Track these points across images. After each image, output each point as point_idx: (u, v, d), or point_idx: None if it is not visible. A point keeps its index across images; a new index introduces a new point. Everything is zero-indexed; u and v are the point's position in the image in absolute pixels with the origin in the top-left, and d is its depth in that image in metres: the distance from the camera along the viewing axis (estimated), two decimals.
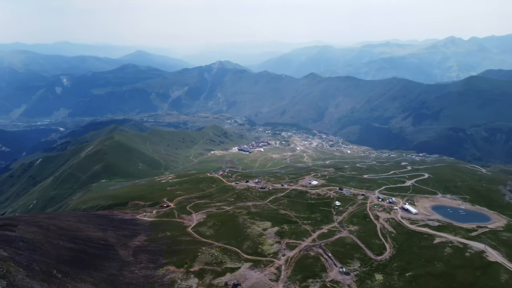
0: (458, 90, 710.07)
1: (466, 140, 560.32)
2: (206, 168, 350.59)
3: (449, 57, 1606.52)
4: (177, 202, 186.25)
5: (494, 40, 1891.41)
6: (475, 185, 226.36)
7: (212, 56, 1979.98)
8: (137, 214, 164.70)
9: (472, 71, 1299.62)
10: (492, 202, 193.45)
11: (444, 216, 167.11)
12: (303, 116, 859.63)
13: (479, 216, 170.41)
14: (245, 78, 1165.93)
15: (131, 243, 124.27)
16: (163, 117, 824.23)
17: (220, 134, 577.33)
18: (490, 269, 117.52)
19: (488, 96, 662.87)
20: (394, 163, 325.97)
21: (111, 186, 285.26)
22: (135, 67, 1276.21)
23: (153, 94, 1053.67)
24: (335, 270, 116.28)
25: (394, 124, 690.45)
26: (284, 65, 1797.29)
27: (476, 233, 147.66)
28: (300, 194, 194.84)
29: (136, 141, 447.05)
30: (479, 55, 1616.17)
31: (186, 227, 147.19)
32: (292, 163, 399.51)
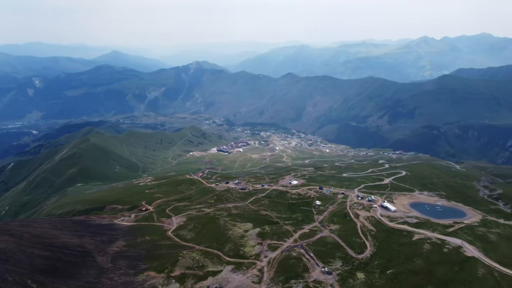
0: (431, 89, 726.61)
1: (440, 137, 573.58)
2: (185, 169, 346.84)
3: (423, 57, 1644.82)
4: (156, 205, 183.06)
5: (465, 40, 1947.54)
6: (451, 182, 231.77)
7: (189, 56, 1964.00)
8: (115, 219, 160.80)
9: (444, 70, 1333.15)
10: (467, 198, 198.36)
11: (422, 212, 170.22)
12: (282, 116, 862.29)
13: (455, 212, 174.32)
14: (223, 78, 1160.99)
15: (109, 249, 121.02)
16: (140, 118, 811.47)
17: (199, 135, 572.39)
18: (468, 264, 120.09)
19: (460, 94, 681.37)
20: (372, 161, 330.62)
21: (87, 190, 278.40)
22: (110, 68, 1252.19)
23: (130, 95, 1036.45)
24: (318, 270, 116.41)
25: (371, 123, 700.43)
26: (262, 65, 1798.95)
27: (453, 228, 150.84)
28: (280, 194, 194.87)
29: (112, 143, 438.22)
30: (451, 54, 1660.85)
31: (166, 230, 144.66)
32: (271, 163, 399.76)
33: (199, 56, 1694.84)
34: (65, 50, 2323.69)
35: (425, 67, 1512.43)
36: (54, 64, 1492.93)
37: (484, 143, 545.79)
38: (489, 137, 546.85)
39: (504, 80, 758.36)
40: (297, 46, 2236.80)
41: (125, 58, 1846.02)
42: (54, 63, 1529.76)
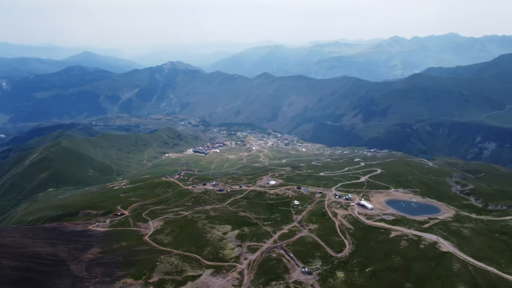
0: (403, 88, 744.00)
1: (413, 134, 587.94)
2: (161, 172, 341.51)
3: (394, 56, 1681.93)
4: (132, 209, 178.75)
5: (434, 40, 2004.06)
6: (424, 178, 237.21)
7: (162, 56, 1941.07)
8: (89, 225, 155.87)
9: (415, 69, 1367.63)
10: (441, 194, 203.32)
11: (398, 209, 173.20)
12: (258, 116, 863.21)
13: (430, 208, 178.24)
14: (198, 79, 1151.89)
15: (83, 257, 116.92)
16: (114, 120, 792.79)
17: (174, 136, 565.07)
18: (443, 259, 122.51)
19: (431, 92, 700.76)
20: (348, 160, 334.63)
21: (59, 195, 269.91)
22: (81, 69, 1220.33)
23: (102, 97, 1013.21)
24: (298, 270, 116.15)
25: (345, 121, 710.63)
26: (237, 65, 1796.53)
27: (428, 224, 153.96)
28: (259, 195, 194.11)
29: (85, 146, 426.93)
30: (421, 53, 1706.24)
31: (143, 235, 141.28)
32: (248, 163, 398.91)
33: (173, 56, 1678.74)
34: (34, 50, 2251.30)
35: (397, 66, 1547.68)
36: (22, 65, 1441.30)
37: (454, 139, 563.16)
38: (459, 134, 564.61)
39: (471, 78, 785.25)
40: (271, 46, 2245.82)
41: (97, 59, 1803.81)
42: (22, 64, 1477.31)
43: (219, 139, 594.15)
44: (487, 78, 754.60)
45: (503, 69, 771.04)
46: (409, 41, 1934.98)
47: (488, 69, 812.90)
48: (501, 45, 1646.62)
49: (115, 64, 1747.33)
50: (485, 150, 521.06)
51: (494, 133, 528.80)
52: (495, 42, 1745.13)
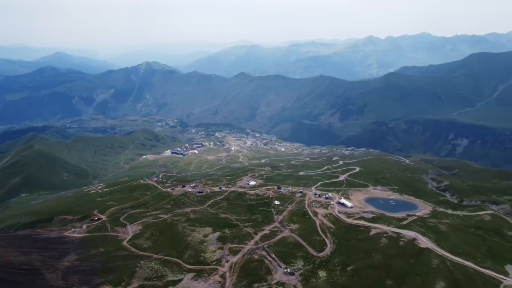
0: (379, 86, 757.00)
1: (388, 132, 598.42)
2: (139, 174, 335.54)
3: (369, 55, 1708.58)
4: (110, 213, 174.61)
5: (407, 39, 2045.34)
6: (402, 176, 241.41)
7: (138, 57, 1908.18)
8: (65, 231, 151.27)
9: (389, 68, 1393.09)
10: (418, 191, 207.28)
11: (377, 207, 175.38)
12: (236, 116, 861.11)
13: (408, 205, 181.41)
14: (175, 79, 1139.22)
15: (59, 265, 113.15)
16: (88, 122, 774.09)
17: (152, 138, 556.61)
18: (422, 255, 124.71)
19: (405, 91, 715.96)
20: (326, 159, 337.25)
21: (32, 200, 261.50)
22: (54, 70, 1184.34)
23: (76, 98, 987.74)
24: (280, 271, 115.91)
25: (323, 120, 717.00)
26: (214, 65, 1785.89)
27: (407, 221, 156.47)
28: (239, 196, 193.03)
29: (59, 150, 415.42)
30: (395, 53, 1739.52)
31: (121, 240, 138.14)
32: (228, 163, 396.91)
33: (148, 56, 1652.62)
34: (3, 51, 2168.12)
35: (372, 66, 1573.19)
36: None
37: (428, 137, 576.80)
38: (433, 131, 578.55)
39: (444, 77, 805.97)
40: (248, 45, 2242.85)
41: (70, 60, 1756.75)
42: None
43: (197, 139, 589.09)
44: (458, 76, 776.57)
45: (473, 67, 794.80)
46: (383, 40, 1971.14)
47: (459, 67, 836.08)
48: (471, 44, 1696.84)
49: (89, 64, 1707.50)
50: (458, 147, 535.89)
51: (466, 130, 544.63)
52: (466, 41, 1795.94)
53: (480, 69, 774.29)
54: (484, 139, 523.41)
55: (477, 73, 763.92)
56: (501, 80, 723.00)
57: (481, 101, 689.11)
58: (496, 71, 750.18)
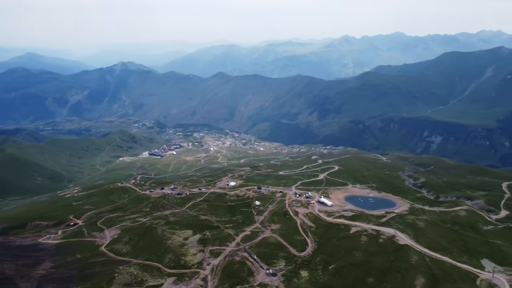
0: (355, 85, 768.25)
1: (365, 131, 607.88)
2: (116, 177, 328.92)
3: (345, 55, 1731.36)
4: (86, 218, 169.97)
5: (382, 39, 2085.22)
6: (379, 173, 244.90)
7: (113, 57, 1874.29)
8: (40, 237, 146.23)
9: (365, 67, 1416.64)
10: (395, 188, 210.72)
11: (357, 205, 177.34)
12: (214, 116, 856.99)
13: (386, 203, 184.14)
14: (151, 79, 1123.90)
15: (34, 273, 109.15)
16: (63, 124, 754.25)
17: (128, 139, 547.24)
18: (402, 252, 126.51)
19: (381, 90, 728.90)
20: (305, 158, 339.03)
21: (4, 206, 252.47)
22: (25, 71, 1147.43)
23: (49, 100, 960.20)
24: (262, 272, 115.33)
25: (301, 120, 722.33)
26: (191, 65, 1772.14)
27: (386, 218, 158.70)
28: (219, 197, 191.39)
29: (32, 153, 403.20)
30: (370, 52, 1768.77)
31: (99, 246, 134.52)
32: (207, 164, 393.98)
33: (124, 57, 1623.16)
34: None
35: (348, 65, 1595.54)
36: None
37: (404, 134, 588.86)
38: (408, 129, 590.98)
39: (418, 75, 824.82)
40: (225, 45, 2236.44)
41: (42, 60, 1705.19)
42: None
43: (175, 140, 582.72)
44: (432, 75, 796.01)
45: (445, 66, 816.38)
46: (359, 40, 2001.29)
47: (432, 66, 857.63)
48: (443, 43, 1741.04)
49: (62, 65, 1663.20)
50: (432, 144, 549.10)
51: (440, 127, 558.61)
52: (438, 41, 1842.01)
53: (452, 68, 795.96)
54: (457, 136, 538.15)
55: (450, 72, 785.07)
56: (472, 79, 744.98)
57: (453, 99, 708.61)
58: (467, 69, 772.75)
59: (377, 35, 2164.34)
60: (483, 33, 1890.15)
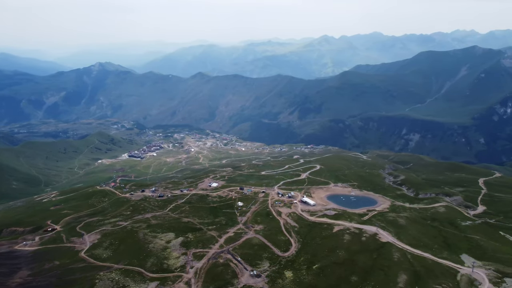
0: (334, 85, 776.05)
1: (346, 129, 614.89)
2: (95, 180, 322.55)
3: (324, 54, 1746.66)
4: (65, 223, 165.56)
5: (360, 38, 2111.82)
6: (360, 172, 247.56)
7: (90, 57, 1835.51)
8: (16, 244, 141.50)
9: (344, 66, 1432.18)
10: (376, 186, 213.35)
11: (339, 204, 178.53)
12: (195, 116, 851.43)
13: (368, 201, 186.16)
14: (130, 80, 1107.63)
15: (10, 282, 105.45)
16: (39, 126, 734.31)
17: (107, 141, 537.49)
18: (384, 249, 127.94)
19: (360, 89, 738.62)
20: (287, 157, 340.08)
21: None
22: None
23: (24, 102, 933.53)
24: (246, 274, 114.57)
25: (282, 119, 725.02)
26: (170, 65, 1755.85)
27: (367, 217, 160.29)
28: (201, 199, 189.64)
29: (6, 157, 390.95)
30: (349, 52, 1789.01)
31: (79, 251, 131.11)
32: (188, 165, 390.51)
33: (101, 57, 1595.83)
34: None
35: (327, 64, 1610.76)
36: None
37: (383, 132, 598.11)
38: (387, 127, 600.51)
39: (395, 74, 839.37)
40: (205, 45, 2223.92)
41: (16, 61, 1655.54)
42: None
43: (155, 142, 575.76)
44: (409, 74, 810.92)
45: (422, 65, 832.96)
46: (337, 40, 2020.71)
47: (409, 65, 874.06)
48: (419, 43, 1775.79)
49: (37, 66, 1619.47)
50: (411, 142, 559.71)
51: (418, 125, 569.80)
52: (414, 40, 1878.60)
53: (428, 67, 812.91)
54: (434, 133, 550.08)
55: (426, 71, 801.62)
56: (448, 77, 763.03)
57: (430, 97, 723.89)
58: (443, 68, 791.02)
59: (355, 35, 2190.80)
60: (457, 32, 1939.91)
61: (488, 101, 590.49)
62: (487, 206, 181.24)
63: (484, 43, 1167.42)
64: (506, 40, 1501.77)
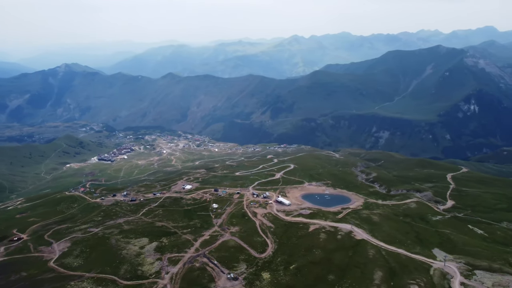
0: (306, 84, 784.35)
1: (317, 128, 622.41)
2: (63, 185, 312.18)
3: (295, 54, 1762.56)
4: (32, 231, 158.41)
5: (329, 38, 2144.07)
6: (334, 170, 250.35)
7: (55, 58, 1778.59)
8: None
9: (315, 66, 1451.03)
10: (349, 184, 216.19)
11: (314, 203, 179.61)
12: (166, 118, 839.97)
13: (342, 199, 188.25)
14: (98, 81, 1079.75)
15: None
16: (2, 130, 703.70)
17: (75, 144, 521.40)
18: (359, 247, 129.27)
19: (331, 88, 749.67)
20: (261, 157, 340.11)
21: None
22: None
23: None
24: (223, 277, 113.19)
25: (254, 119, 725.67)
26: (140, 65, 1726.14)
27: (342, 215, 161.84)
28: (175, 202, 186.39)
29: None
30: (319, 51, 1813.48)
31: (47, 261, 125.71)
32: (160, 168, 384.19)
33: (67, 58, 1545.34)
34: None
35: (298, 64, 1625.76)
36: None
37: (354, 131, 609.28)
38: (357, 125, 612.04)
39: (364, 73, 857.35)
40: (175, 45, 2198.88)
41: None
42: None
43: (126, 144, 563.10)
44: (377, 73, 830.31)
45: (390, 64, 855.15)
46: (307, 39, 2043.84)
47: (377, 64, 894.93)
48: (386, 43, 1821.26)
49: None
50: (381, 139, 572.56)
51: (387, 123, 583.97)
52: (381, 40, 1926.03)
53: (396, 66, 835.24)
54: (402, 130, 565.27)
55: (393, 70, 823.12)
56: (414, 76, 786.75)
57: (398, 96, 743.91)
58: (409, 67, 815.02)
59: (325, 35, 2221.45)
60: (422, 32, 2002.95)
61: (452, 98, 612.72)
62: (455, 200, 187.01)
63: (447, 43, 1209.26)
64: (468, 39, 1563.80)
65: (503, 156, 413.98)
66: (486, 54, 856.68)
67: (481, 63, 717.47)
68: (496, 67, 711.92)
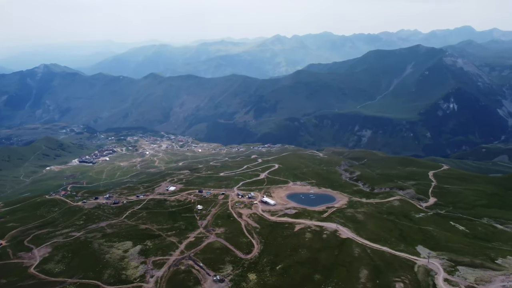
0: (288, 84, 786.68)
1: (301, 128, 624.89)
2: (43, 188, 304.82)
3: (278, 54, 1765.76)
4: (11, 237, 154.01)
5: (311, 38, 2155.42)
6: (318, 169, 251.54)
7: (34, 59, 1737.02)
8: None
9: (297, 65, 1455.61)
10: (334, 183, 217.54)
11: (299, 202, 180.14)
12: (148, 118, 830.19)
13: (326, 198, 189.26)
14: (78, 82, 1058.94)
15: None
16: None
17: (56, 147, 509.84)
18: (344, 246, 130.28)
19: (314, 87, 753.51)
20: (245, 157, 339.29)
21: None
22: None
23: None
24: (209, 280, 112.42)
25: (238, 119, 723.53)
26: (121, 66, 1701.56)
27: (327, 214, 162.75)
28: (159, 204, 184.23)
29: None
30: (301, 51, 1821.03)
31: (28, 267, 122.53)
32: (143, 169, 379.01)
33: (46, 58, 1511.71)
34: None
35: (281, 64, 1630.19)
36: None
37: (337, 130, 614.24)
38: (340, 124, 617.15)
39: (346, 73, 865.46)
40: (156, 45, 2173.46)
41: None
42: None
43: (107, 146, 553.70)
44: (359, 72, 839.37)
45: (371, 64, 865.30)
46: (290, 39, 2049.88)
47: (359, 64, 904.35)
48: (367, 42, 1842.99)
49: None
50: (363, 138, 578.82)
51: (369, 121, 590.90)
52: (363, 39, 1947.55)
53: (377, 65, 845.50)
54: (384, 129, 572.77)
55: (375, 69, 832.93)
56: (395, 75, 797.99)
57: (379, 95, 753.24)
58: (390, 66, 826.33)
59: (307, 34, 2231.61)
60: (402, 32, 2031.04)
61: (432, 97, 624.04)
62: (437, 197, 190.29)
63: (426, 42, 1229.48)
64: (446, 39, 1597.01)
65: (482, 153, 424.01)
66: (464, 53, 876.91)
67: (459, 62, 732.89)
68: (474, 66, 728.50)
